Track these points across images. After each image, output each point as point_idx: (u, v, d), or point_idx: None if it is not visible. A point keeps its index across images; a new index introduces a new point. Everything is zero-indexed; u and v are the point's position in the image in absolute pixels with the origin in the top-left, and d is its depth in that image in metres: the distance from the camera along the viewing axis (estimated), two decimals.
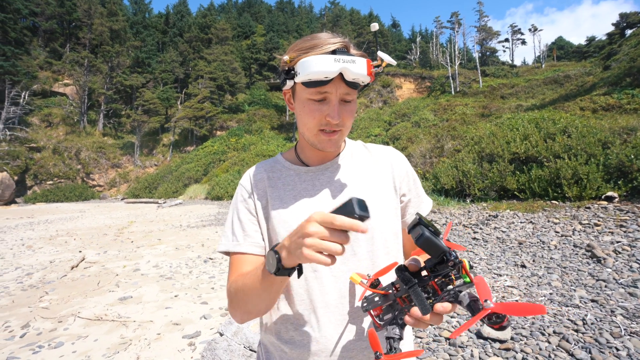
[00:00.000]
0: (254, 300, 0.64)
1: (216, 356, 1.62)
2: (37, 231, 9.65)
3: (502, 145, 9.59)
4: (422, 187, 0.83)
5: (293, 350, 0.70)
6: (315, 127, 0.70)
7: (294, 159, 0.81)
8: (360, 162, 0.80)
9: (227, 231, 0.77)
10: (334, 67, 0.62)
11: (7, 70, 25.12)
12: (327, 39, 0.67)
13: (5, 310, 3.61)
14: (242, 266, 0.73)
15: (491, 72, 31.00)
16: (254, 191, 0.78)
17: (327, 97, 0.67)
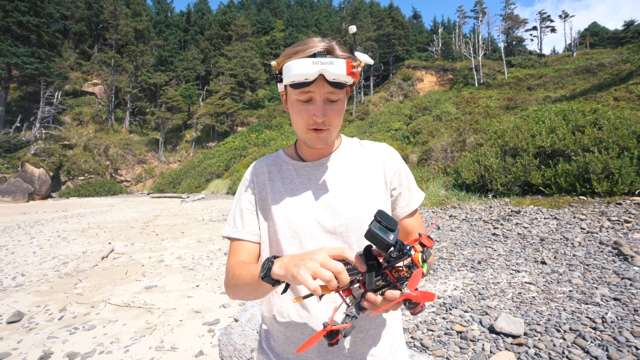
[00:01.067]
0: (245, 292, 0.72)
1: (231, 340, 1.72)
2: (70, 224, 10.26)
3: (526, 138, 9.26)
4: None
5: (287, 329, 0.77)
6: (304, 126, 0.75)
7: (293, 154, 0.87)
8: (354, 158, 0.85)
9: (230, 219, 0.86)
10: (313, 69, 0.67)
11: (42, 72, 26.53)
12: (312, 43, 0.71)
13: (45, 295, 3.92)
14: (239, 251, 0.81)
15: (517, 62, 29.69)
16: (255, 184, 0.85)
17: (312, 97, 0.72)
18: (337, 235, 0.77)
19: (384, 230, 0.54)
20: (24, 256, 6.00)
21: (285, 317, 0.78)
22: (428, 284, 3.66)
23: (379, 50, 35.48)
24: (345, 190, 0.80)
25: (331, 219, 0.78)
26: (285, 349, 0.77)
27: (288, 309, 0.78)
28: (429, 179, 11.50)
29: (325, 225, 0.77)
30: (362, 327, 0.77)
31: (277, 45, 41.82)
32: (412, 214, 0.86)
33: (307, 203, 0.79)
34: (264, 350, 0.83)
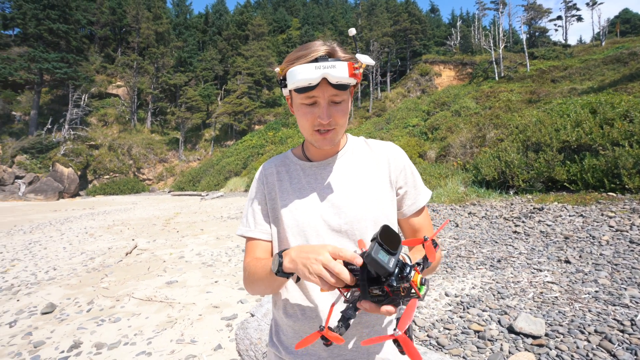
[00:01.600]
0: (261, 286, 0.77)
1: (247, 334, 1.77)
2: (97, 221, 10.72)
3: (550, 133, 8.91)
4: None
5: (295, 323, 0.80)
6: (310, 128, 0.77)
7: (301, 154, 0.89)
8: (359, 157, 0.86)
9: (244, 218, 0.89)
10: (315, 74, 0.68)
11: (70, 75, 27.74)
12: (314, 47, 0.72)
13: (74, 289, 4.13)
14: (254, 249, 0.84)
15: (540, 54, 28.49)
16: (264, 184, 0.88)
17: (317, 100, 0.73)
18: (342, 233, 0.79)
19: (384, 254, 0.54)
20: (55, 251, 6.33)
21: (293, 311, 0.80)
22: (446, 282, 3.61)
23: (396, 45, 34.93)
24: (351, 189, 0.81)
25: (337, 218, 0.79)
26: (294, 342, 0.80)
27: (295, 304, 0.80)
28: (448, 176, 11.27)
29: (331, 224, 0.79)
30: (368, 323, 0.78)
31: (293, 43, 41.93)
32: (419, 212, 0.86)
33: (313, 202, 0.81)
34: (274, 343, 0.86)
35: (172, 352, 2.54)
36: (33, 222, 10.93)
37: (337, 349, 0.76)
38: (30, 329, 3.02)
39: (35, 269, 5.10)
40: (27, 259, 5.81)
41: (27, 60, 26.52)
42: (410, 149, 15.72)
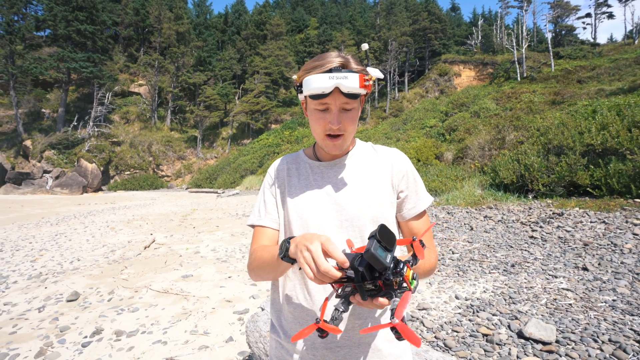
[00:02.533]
0: (265, 271, 0.82)
1: (257, 327, 1.84)
2: (117, 215, 11.13)
3: (573, 136, 8.61)
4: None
5: (295, 310, 0.86)
6: (322, 132, 0.83)
7: (311, 154, 0.96)
8: (365, 160, 0.92)
9: (255, 209, 0.96)
10: (329, 83, 0.74)
11: (96, 75, 28.85)
12: (329, 59, 0.78)
13: (96, 279, 4.33)
14: (261, 237, 0.91)
15: (567, 53, 27.46)
16: (276, 179, 0.95)
17: (329, 107, 0.80)
18: (342, 229, 0.84)
19: (382, 250, 0.57)
20: (79, 243, 6.64)
21: (294, 299, 0.86)
22: (457, 285, 3.58)
23: (414, 45, 34.48)
24: (353, 188, 0.87)
25: (338, 214, 0.85)
26: (293, 328, 0.85)
27: (296, 292, 0.86)
28: (464, 178, 11.08)
29: (332, 219, 0.85)
30: (361, 315, 0.82)
31: (311, 43, 42.04)
32: (418, 216, 0.90)
33: (317, 199, 0.87)
34: (276, 329, 0.92)
35: (186, 342, 2.65)
36: (59, 215, 11.46)
37: (331, 337, 0.81)
38: (57, 314, 3.21)
39: (61, 259, 5.37)
40: (54, 249, 6.13)
41: (56, 60, 27.74)
42: (426, 150, 15.53)
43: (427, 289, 3.56)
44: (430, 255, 0.82)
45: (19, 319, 3.11)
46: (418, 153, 15.25)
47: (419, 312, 2.96)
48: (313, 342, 0.83)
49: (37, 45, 31.34)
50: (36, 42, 31.52)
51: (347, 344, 0.82)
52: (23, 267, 4.91)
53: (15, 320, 3.09)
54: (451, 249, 5.00)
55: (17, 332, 2.86)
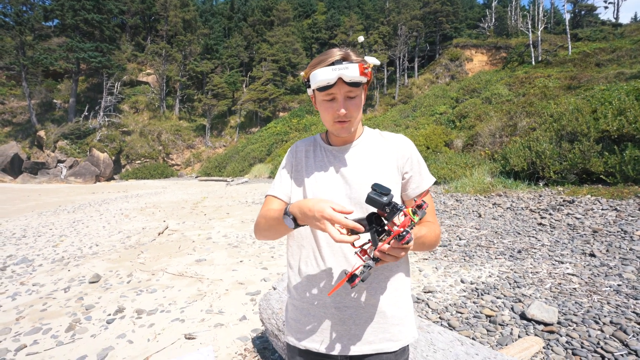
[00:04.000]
0: (267, 230, 0.97)
1: (270, 305, 1.95)
2: (131, 203, 11.42)
3: (588, 122, 8.44)
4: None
5: (310, 274, 0.96)
6: (331, 120, 0.94)
7: (325, 139, 1.07)
8: (372, 145, 1.02)
9: (273, 183, 1.08)
10: (332, 75, 0.86)
11: (104, 64, 29.04)
12: (331, 54, 0.88)
13: (115, 263, 4.54)
14: (270, 203, 1.03)
15: (585, 35, 26.36)
16: (294, 159, 1.08)
17: (335, 96, 0.91)
18: (353, 203, 0.94)
19: (379, 194, 0.71)
20: (96, 229, 6.90)
21: (309, 265, 0.97)
22: (463, 269, 3.65)
23: (425, 29, 33.57)
24: (362, 171, 0.97)
25: (347, 191, 0.96)
26: (307, 289, 0.97)
27: (311, 259, 0.97)
28: (474, 166, 10.99)
29: (343, 198, 0.95)
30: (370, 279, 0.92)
31: (319, 28, 41.32)
32: (422, 195, 1.00)
33: (330, 179, 0.99)
34: (292, 293, 1.03)
35: (202, 320, 2.80)
36: (75, 203, 11.83)
37: (339, 297, 0.92)
38: (81, 294, 3.41)
39: (80, 245, 5.61)
40: (73, 235, 6.38)
41: (65, 50, 27.98)
42: (436, 138, 15.38)
43: (433, 273, 3.64)
44: (433, 228, 0.93)
45: (48, 298, 3.32)
46: (427, 140, 15.12)
47: (425, 294, 3.06)
48: (325, 302, 0.93)
49: (46, 35, 31.58)
50: (45, 33, 31.74)
51: (354, 304, 0.92)
52: (46, 252, 5.16)
53: (44, 299, 3.30)
54: (458, 235, 5.06)
55: (47, 310, 3.06)
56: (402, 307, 0.96)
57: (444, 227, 5.64)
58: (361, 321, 0.92)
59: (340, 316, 0.92)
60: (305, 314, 0.97)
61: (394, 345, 0.92)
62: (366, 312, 0.92)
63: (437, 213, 6.84)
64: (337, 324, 0.93)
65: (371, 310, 0.92)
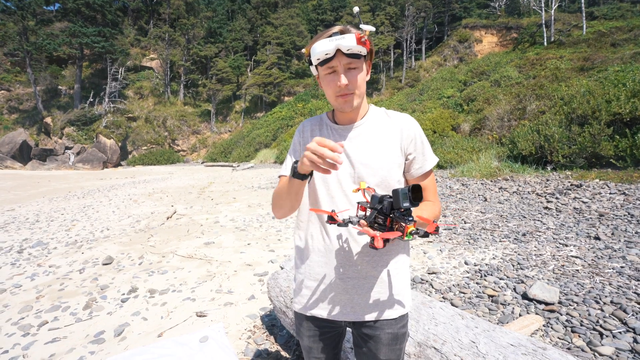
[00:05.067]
0: (281, 199, 0.99)
1: (278, 283, 2.02)
2: (138, 189, 11.59)
3: (599, 104, 8.25)
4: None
5: (313, 253, 1.02)
6: (333, 94, 0.95)
7: (332, 117, 1.09)
8: (377, 124, 1.03)
9: (284, 165, 1.11)
10: (330, 45, 0.87)
11: (107, 49, 28.85)
12: (330, 29, 0.92)
13: (126, 246, 4.67)
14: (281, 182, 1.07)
15: (602, 13, 25.30)
16: (302, 138, 1.11)
17: (335, 69, 0.92)
18: (355, 185, 0.97)
19: (406, 197, 0.71)
20: (106, 214, 7.05)
21: (315, 239, 1.02)
22: (467, 252, 3.70)
23: (433, 9, 32.54)
24: (366, 148, 0.99)
25: (351, 168, 0.99)
26: (313, 261, 1.03)
27: (317, 233, 1.02)
28: (481, 150, 10.89)
29: (347, 176, 0.99)
30: (369, 253, 0.97)
31: (324, 10, 40.33)
32: (425, 175, 1.02)
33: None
34: (297, 263, 1.10)
35: (212, 299, 2.91)
36: (84, 189, 12.04)
37: (342, 268, 0.98)
38: (96, 275, 3.54)
39: (92, 229, 5.77)
40: (84, 220, 6.55)
41: (68, 35, 27.79)
42: (443, 122, 15.19)
43: (437, 255, 3.70)
44: (433, 209, 0.96)
45: (64, 279, 3.46)
46: (434, 124, 14.95)
47: (429, 275, 3.12)
48: (330, 273, 0.99)
49: (48, 20, 31.33)
50: (47, 17, 31.49)
51: (356, 275, 0.98)
52: (59, 236, 5.32)
53: (61, 280, 3.44)
54: (463, 219, 5.08)
55: (65, 289, 3.20)
56: (401, 279, 1.01)
57: (449, 211, 5.67)
58: (363, 291, 0.98)
59: (343, 286, 0.98)
60: (311, 283, 1.03)
61: (393, 313, 0.98)
62: (368, 283, 0.98)
63: (442, 197, 6.84)
64: (341, 293, 0.99)
65: (372, 281, 0.98)
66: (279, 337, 2.24)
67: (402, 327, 1.00)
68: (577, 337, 2.00)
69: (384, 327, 0.98)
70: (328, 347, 1.08)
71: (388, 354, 0.99)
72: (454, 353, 1.14)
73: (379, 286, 0.98)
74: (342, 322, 1.03)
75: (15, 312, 2.75)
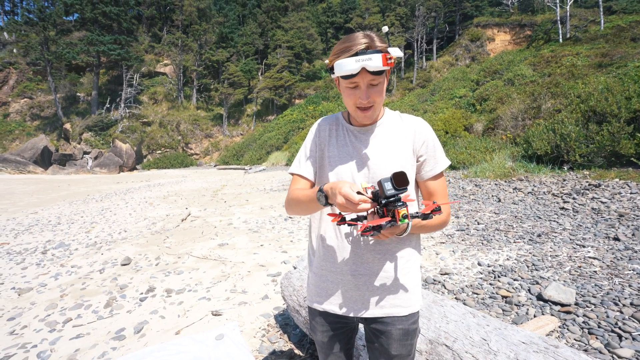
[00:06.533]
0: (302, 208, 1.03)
1: (291, 282, 2.06)
2: (154, 192, 11.87)
3: (619, 101, 8.03)
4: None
5: (326, 250, 1.06)
6: (353, 105, 0.98)
7: (347, 118, 1.12)
8: (392, 127, 1.07)
9: (296, 160, 1.14)
10: (355, 66, 0.88)
11: (123, 57, 29.70)
12: (355, 41, 0.91)
13: (143, 247, 4.81)
14: (297, 182, 1.11)
15: (621, 7, 24.48)
16: (318, 137, 1.12)
17: (358, 84, 0.94)
18: (370, 182, 1.01)
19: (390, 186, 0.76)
20: (123, 217, 7.26)
21: (327, 237, 1.06)
22: (480, 253, 3.66)
23: (444, 8, 32.23)
24: (380, 153, 1.03)
25: (365, 170, 1.03)
26: (326, 258, 1.06)
27: (329, 232, 1.06)
28: (494, 150, 10.72)
29: (361, 177, 1.02)
30: (380, 250, 1.01)
31: (334, 12, 40.47)
32: (435, 177, 1.05)
33: (351, 156, 1.05)
34: (312, 260, 1.14)
35: (227, 299, 2.98)
36: (102, 192, 12.40)
37: (354, 265, 1.02)
38: (115, 275, 3.67)
39: (110, 231, 5.95)
40: (102, 222, 6.76)
41: (86, 43, 28.74)
42: (455, 122, 15.01)
43: (450, 256, 3.68)
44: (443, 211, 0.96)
45: (86, 278, 3.60)
46: (446, 125, 14.79)
47: (441, 276, 3.11)
48: (341, 270, 1.03)
49: (68, 30, 32.46)
50: (66, 27, 32.61)
51: (367, 272, 1.01)
52: (80, 237, 5.51)
53: (83, 279, 3.57)
54: (476, 220, 5.03)
55: (86, 288, 3.32)
56: (412, 278, 1.04)
57: (462, 212, 5.61)
58: (374, 287, 1.01)
59: (355, 282, 1.02)
60: (324, 280, 1.07)
61: (403, 311, 1.01)
62: (379, 280, 1.01)
63: (455, 198, 6.78)
64: (352, 289, 1.02)
65: (383, 278, 1.01)
66: (293, 336, 2.28)
67: (413, 323, 1.03)
68: (594, 338, 1.97)
69: (394, 322, 1.01)
70: (341, 342, 1.11)
71: (399, 349, 1.01)
72: (465, 350, 1.16)
73: (390, 284, 1.01)
74: (354, 317, 1.06)
75: (41, 310, 2.89)
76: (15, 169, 23.31)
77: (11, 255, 4.55)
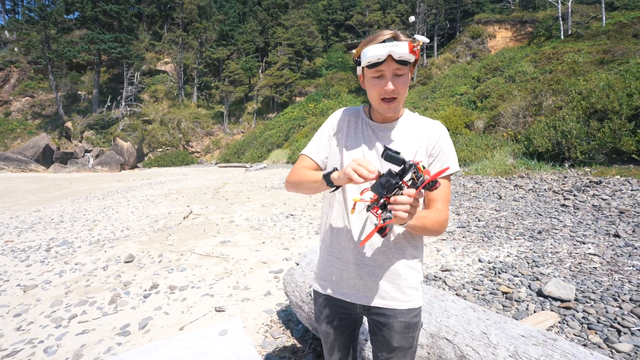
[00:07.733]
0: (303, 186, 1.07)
1: (294, 279, 2.09)
2: (155, 190, 11.90)
3: (620, 98, 8.02)
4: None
5: (334, 236, 1.10)
6: (377, 97, 0.99)
7: (369, 113, 1.14)
8: (409, 127, 1.09)
9: (310, 143, 1.17)
10: (383, 51, 0.91)
11: (124, 55, 29.67)
12: (382, 33, 0.96)
13: (146, 244, 4.84)
14: (304, 161, 1.14)
15: (623, 3, 24.37)
16: (336, 126, 1.15)
17: (383, 73, 0.96)
18: None
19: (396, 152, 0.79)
20: (125, 214, 7.29)
21: (338, 224, 1.10)
22: (480, 249, 3.69)
23: (445, 5, 32.10)
24: (396, 147, 1.05)
25: (380, 167, 1.03)
26: (334, 244, 1.10)
27: (339, 219, 1.09)
28: (495, 147, 10.72)
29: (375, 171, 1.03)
30: (386, 244, 1.03)
31: (334, 9, 40.31)
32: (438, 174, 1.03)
33: (366, 152, 1.08)
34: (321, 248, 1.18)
35: (230, 295, 3.01)
36: (103, 190, 12.45)
37: (360, 255, 1.05)
38: (119, 272, 3.70)
39: (112, 228, 5.98)
40: (105, 220, 6.79)
41: (86, 42, 28.72)
42: (456, 119, 15.00)
43: (451, 253, 3.70)
44: (437, 215, 0.97)
45: (90, 275, 3.63)
46: (447, 122, 14.77)
47: (442, 272, 3.13)
48: (347, 258, 1.06)
49: (68, 28, 32.47)
50: (67, 26, 32.63)
51: (372, 263, 1.04)
52: (83, 235, 5.55)
53: (87, 276, 3.61)
54: (477, 217, 5.04)
55: (91, 285, 3.36)
56: (414, 273, 1.06)
57: (463, 209, 5.63)
58: (377, 279, 1.04)
59: (359, 272, 1.05)
60: (330, 265, 1.12)
61: (404, 305, 1.04)
62: (382, 271, 1.04)
63: (456, 195, 6.79)
64: (356, 278, 1.06)
65: (387, 270, 1.04)
66: (295, 331, 2.31)
67: (414, 317, 1.05)
68: (593, 333, 2.00)
69: (396, 315, 1.04)
70: (344, 333, 1.15)
71: (401, 341, 1.04)
72: (465, 344, 1.18)
73: (394, 276, 1.04)
74: (357, 308, 1.09)
75: (47, 306, 2.92)
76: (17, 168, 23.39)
77: (15, 253, 4.59)
